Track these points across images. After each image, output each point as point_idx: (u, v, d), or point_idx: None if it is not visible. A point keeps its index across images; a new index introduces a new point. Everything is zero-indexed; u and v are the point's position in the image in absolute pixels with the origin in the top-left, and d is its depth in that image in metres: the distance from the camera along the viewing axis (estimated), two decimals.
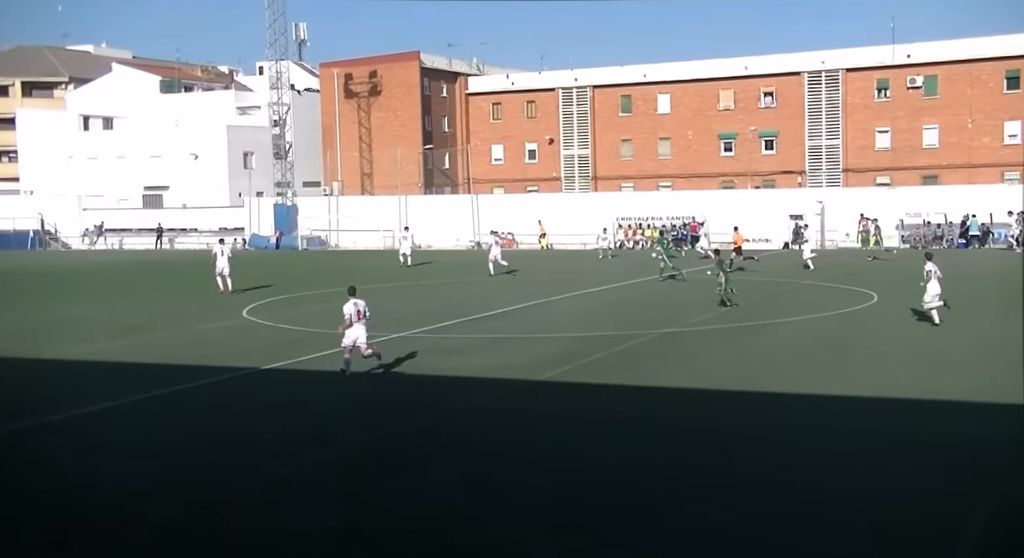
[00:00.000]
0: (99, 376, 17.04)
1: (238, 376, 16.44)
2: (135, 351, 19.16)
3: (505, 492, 9.94)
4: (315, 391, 15.43)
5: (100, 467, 11.27)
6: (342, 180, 66.23)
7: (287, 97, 59.58)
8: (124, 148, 67.64)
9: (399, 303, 26.85)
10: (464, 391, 15.09)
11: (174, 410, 14.23)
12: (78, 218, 63.79)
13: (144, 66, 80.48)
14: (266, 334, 21.32)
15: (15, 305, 28.21)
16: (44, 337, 21.49)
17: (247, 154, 65.45)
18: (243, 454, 11.64)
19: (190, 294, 30.61)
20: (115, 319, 24.39)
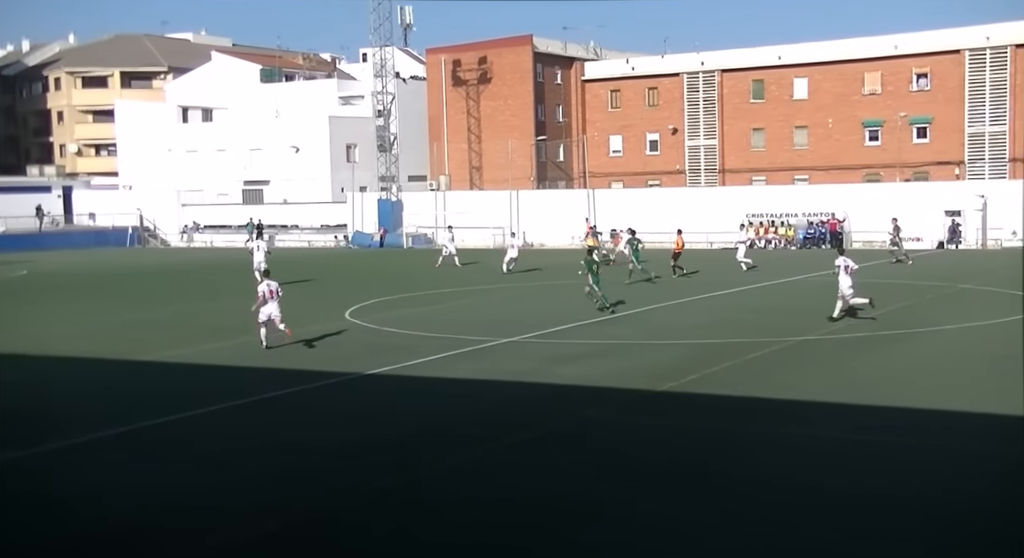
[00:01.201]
0: (195, 379, 17.87)
1: (341, 381, 16.97)
2: (232, 353, 20.03)
3: (618, 519, 10.02)
4: (419, 397, 15.81)
5: (197, 473, 11.87)
6: (449, 174, 67.27)
7: (392, 86, 60.90)
8: (223, 140, 70.33)
9: (509, 305, 27.19)
10: (580, 401, 15.21)
11: (273, 415, 14.83)
12: (177, 214, 66.79)
13: (244, 54, 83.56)
14: (368, 337, 21.92)
15: (113, 305, 29.83)
16: (142, 338, 22.69)
17: (350, 146, 67.18)
18: (347, 462, 12.06)
19: (290, 294, 31.69)
20: (213, 319, 25.52)
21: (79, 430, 13.83)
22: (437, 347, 19.97)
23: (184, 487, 11.22)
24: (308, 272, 36.44)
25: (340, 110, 70.70)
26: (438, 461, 11.91)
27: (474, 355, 19.31)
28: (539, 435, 13.08)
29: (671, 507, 10.16)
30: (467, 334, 21.55)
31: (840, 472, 11.13)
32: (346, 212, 60.98)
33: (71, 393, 16.95)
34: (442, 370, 17.70)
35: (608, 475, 11.28)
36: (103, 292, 33.36)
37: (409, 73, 73.31)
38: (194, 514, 10.23)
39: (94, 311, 28.04)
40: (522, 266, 37.56)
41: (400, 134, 62.09)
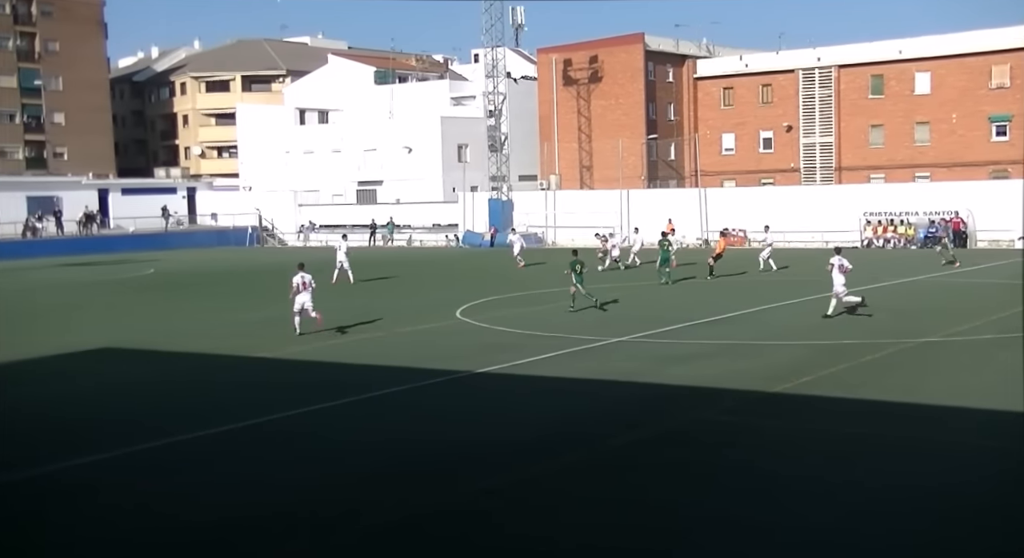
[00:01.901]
0: (311, 376, 18.40)
1: (453, 379, 17.26)
2: (348, 351, 20.54)
3: (737, 523, 10.00)
4: (530, 396, 15.99)
5: (313, 466, 12.28)
6: (560, 173, 67.46)
7: (503, 86, 61.40)
8: (339, 141, 72.12)
9: (618, 305, 27.15)
10: (693, 402, 15.16)
11: (389, 411, 15.21)
12: (294, 214, 68.82)
13: (359, 57, 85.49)
14: (479, 335, 22.21)
15: (234, 302, 31.01)
16: (260, 334, 23.54)
17: (461, 146, 68.02)
18: (462, 459, 12.31)
19: (402, 293, 32.42)
20: (328, 318, 26.27)
21: (214, 422, 14.47)
22: (548, 346, 20.14)
23: (307, 480, 11.62)
24: (419, 271, 37.11)
25: (452, 110, 71.65)
26: (554, 460, 12.03)
27: (585, 354, 19.40)
28: (653, 436, 13.10)
29: (794, 511, 10.08)
30: (577, 333, 21.66)
31: (966, 473, 10.83)
32: (457, 211, 61.77)
33: (198, 387, 17.72)
34: (553, 369, 17.86)
35: (726, 479, 11.24)
36: (225, 290, 34.67)
37: (520, 73, 73.77)
38: (321, 505, 10.62)
39: (216, 308, 29.20)
40: None
41: (511, 134, 62.55)
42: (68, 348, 21.55)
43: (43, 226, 61.80)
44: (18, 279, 41.57)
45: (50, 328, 25.61)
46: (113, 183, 72.94)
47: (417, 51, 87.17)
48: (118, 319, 26.99)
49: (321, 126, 76.96)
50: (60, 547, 9.70)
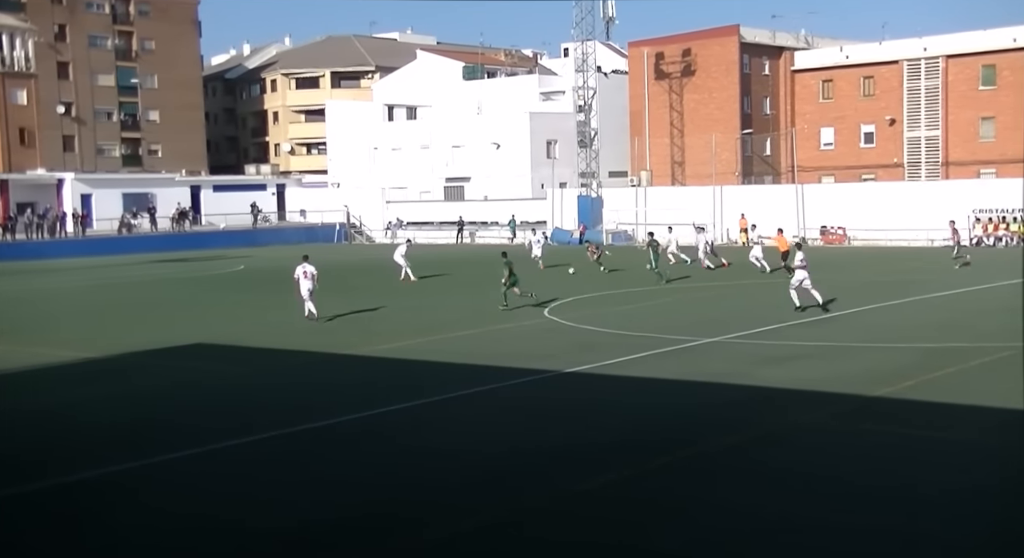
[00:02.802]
0: (398, 374, 18.66)
1: (542, 378, 17.32)
2: (435, 349, 20.76)
3: (833, 530, 9.84)
4: (621, 398, 15.94)
5: (398, 468, 12.44)
6: (651, 169, 67.01)
7: (593, 80, 61.25)
8: (426, 138, 72.92)
9: (709, 305, 26.90)
10: (789, 405, 14.94)
11: (474, 411, 15.35)
12: (381, 211, 69.84)
13: (447, 52, 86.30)
14: (568, 334, 22.24)
15: (323, 299, 31.60)
16: (348, 331, 23.98)
17: (550, 142, 68.09)
18: (550, 462, 12.34)
19: (490, 290, 32.62)
20: (418, 315, 26.62)
21: (299, 420, 14.82)
22: (638, 345, 20.06)
23: (403, 479, 11.82)
24: None
25: (541, 106, 71.76)
26: (644, 462, 12.00)
27: (676, 355, 19.27)
28: (746, 440, 12.95)
29: (892, 520, 9.88)
30: (668, 333, 21.53)
31: None
32: (546, 208, 61.87)
33: (285, 384, 18.14)
34: (644, 369, 17.78)
35: (819, 487, 11.06)
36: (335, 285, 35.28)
37: (611, 67, 73.48)
38: (413, 507, 10.80)
39: (326, 304, 29.78)
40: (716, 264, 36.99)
41: (601, 129, 62.37)
42: (160, 344, 22.26)
43: (138, 223, 63.94)
44: (113, 275, 43.12)
45: (143, 324, 26.49)
46: (205, 180, 75.12)
47: (506, 46, 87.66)
48: (209, 315, 27.79)
49: (409, 122, 77.86)
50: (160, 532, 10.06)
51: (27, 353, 21.23)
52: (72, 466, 12.33)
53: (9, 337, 23.91)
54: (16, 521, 10.60)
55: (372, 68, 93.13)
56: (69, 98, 79.18)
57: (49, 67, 75.21)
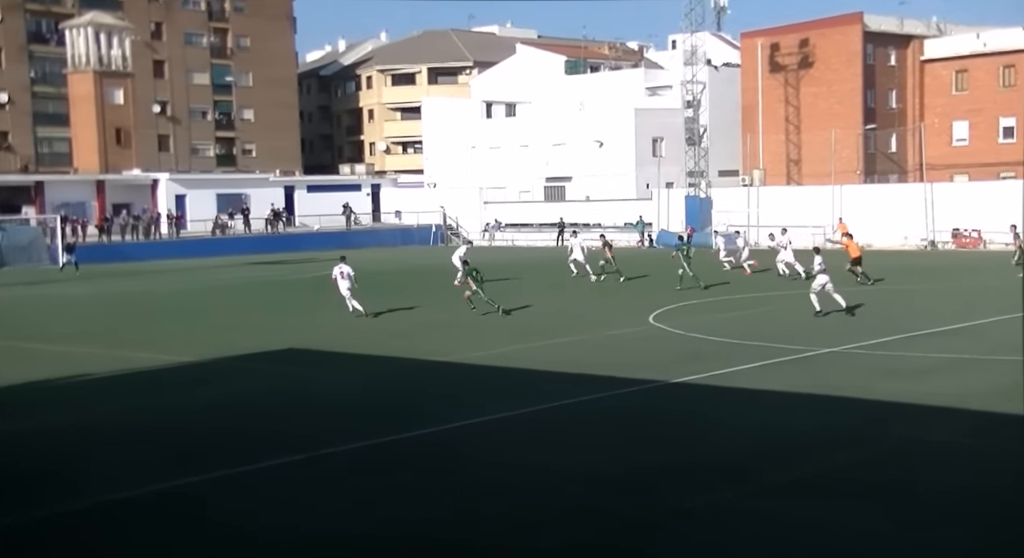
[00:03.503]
0: (495, 382, 18.81)
1: (646, 389, 17.26)
2: (535, 356, 20.86)
3: None
4: (731, 411, 15.78)
5: (495, 481, 12.55)
6: (764, 168, 66.01)
7: (702, 74, 60.69)
8: (526, 136, 73.24)
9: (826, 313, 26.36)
10: (913, 421, 14.58)
11: (572, 423, 15.35)
12: (479, 212, 70.41)
13: (549, 46, 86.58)
14: (674, 343, 22.12)
15: (419, 302, 32.06)
16: (447, 336, 24.27)
17: (656, 140, 67.69)
18: (655, 478, 12.29)
19: (591, 295, 32.62)
20: (514, 321, 26.78)
21: (413, 425, 15.11)
22: (750, 355, 19.82)
23: (501, 493, 11.96)
24: (610, 274, 37.13)
25: (647, 101, 71.43)
26: (754, 480, 11.86)
27: (791, 365, 18.99)
28: (867, 458, 12.68)
29: None
30: (782, 342, 21.21)
31: None
32: (651, 209, 61.52)
33: (378, 391, 18.47)
34: (755, 381, 17.56)
35: (959, 509, 10.79)
36: (408, 290, 35.90)
37: (722, 60, 72.70)
38: (514, 523, 10.91)
39: (399, 309, 30.29)
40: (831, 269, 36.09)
41: (711, 126, 61.76)
42: (253, 348, 22.88)
43: (232, 224, 65.82)
44: (206, 278, 44.50)
45: (236, 328, 27.30)
46: (299, 180, 76.93)
47: (610, 39, 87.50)
48: (302, 319, 28.45)
49: (508, 119, 78.32)
50: None
51: (119, 357, 22.08)
52: (158, 474, 12.79)
53: (101, 340, 24.91)
54: (125, 524, 11.07)
55: (470, 63, 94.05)
56: (164, 97, 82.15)
57: (145, 66, 78.11)
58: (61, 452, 14.13)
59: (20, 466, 13.44)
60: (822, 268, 25.22)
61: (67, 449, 14.34)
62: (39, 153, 77.12)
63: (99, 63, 70.64)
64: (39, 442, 14.81)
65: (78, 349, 23.38)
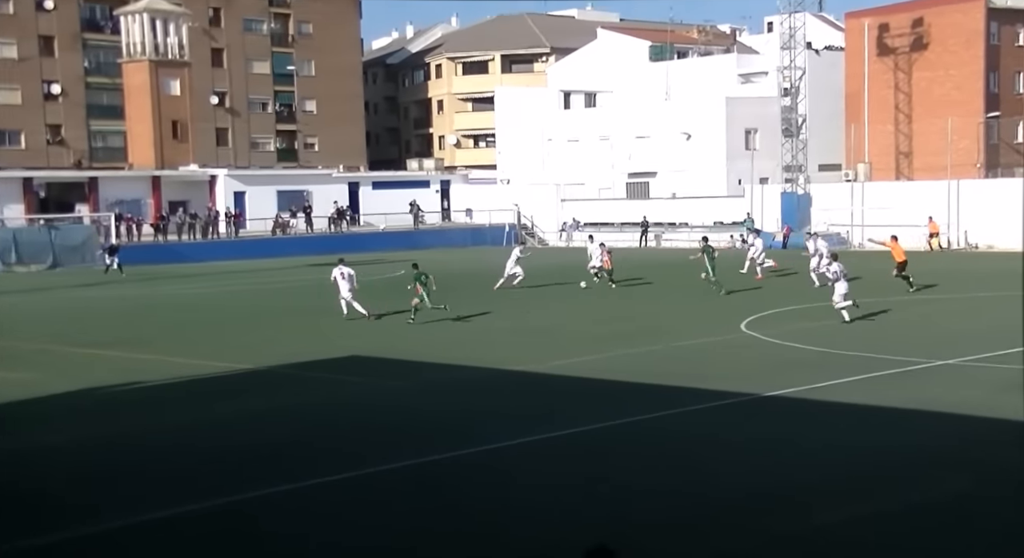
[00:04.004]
0: (574, 393, 18.73)
1: (739, 402, 17.07)
2: (615, 366, 20.74)
3: None
4: (832, 427, 15.46)
5: (580, 500, 12.46)
6: (870, 161, 64.80)
7: (801, 59, 59.84)
8: (607, 128, 72.94)
9: (939, 320, 25.78)
10: None
11: (660, 440, 15.22)
12: (556, 210, 70.32)
13: (632, 30, 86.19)
14: (769, 352, 21.84)
15: (493, 308, 32.08)
16: (523, 344, 24.24)
17: (749, 131, 66.92)
18: (750, 500, 12.10)
19: (679, 300, 32.33)
20: (595, 327, 26.66)
21: (489, 437, 15.10)
22: (852, 367, 19.44)
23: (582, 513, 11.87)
24: (697, 276, 36.79)
25: (739, 89, 70.65)
26: (861, 504, 11.59)
27: (899, 378, 18.58)
28: (983, 481, 12.31)
29: None
30: (888, 353, 20.76)
31: None
32: (743, 207, 60.85)
33: (449, 400, 18.47)
34: (860, 394, 17.19)
35: None
36: (480, 295, 35.89)
37: (823, 43, 71.63)
38: None
39: (467, 315, 30.37)
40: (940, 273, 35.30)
41: (810, 115, 60.83)
42: (314, 355, 23.11)
43: (293, 223, 66.63)
44: (266, 280, 45.17)
45: (296, 333, 27.61)
46: (364, 176, 77.68)
47: (700, 22, 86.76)
48: (365, 325, 28.66)
49: (588, 110, 78.11)
50: None
51: (174, 364, 22.46)
52: (204, 492, 12.94)
53: (155, 346, 25.37)
54: (173, 541, 11.23)
55: (547, 50, 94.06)
56: (223, 88, 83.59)
57: (203, 54, 79.56)
58: (112, 466, 14.39)
59: (65, 480, 13.71)
60: (838, 277, 25.70)
61: (118, 463, 14.58)
62: (93, 148, 79.06)
63: (155, 52, 72.16)
64: (93, 454, 15.11)
65: (131, 355, 23.83)
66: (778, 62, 60.87)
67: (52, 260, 52.78)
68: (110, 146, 78.95)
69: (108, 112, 78.08)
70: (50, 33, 76.62)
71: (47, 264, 52.56)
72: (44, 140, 76.24)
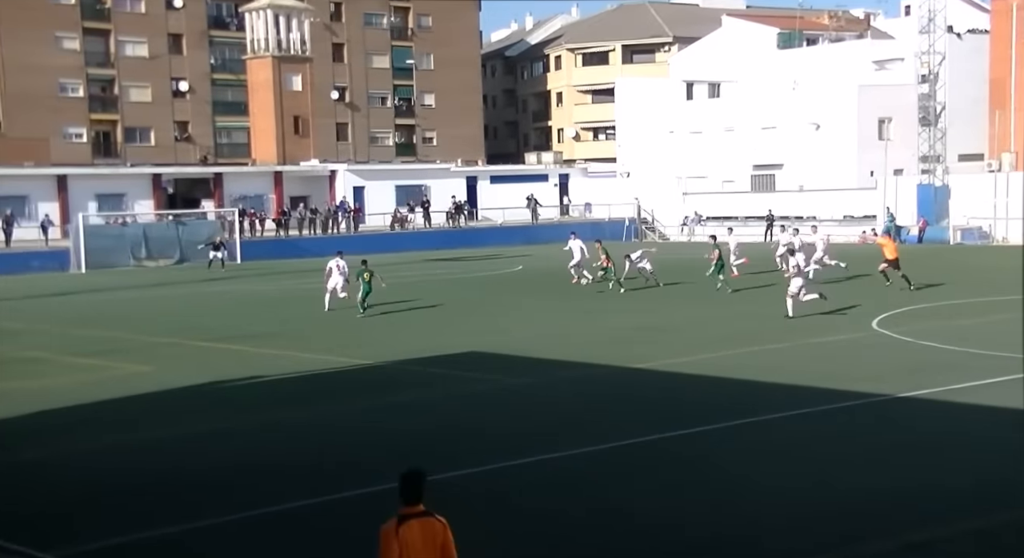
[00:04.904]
0: (697, 391, 18.63)
1: (869, 403, 16.76)
2: (741, 364, 20.56)
3: None
4: (970, 431, 15.06)
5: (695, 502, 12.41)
6: (1016, 151, 62.54)
7: (941, 43, 58.07)
8: (731, 119, 72.01)
9: None
10: None
11: (786, 439, 15.06)
12: (678, 204, 69.75)
13: (759, 17, 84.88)
14: (902, 351, 21.42)
15: (603, 305, 32.01)
16: (634, 342, 24.16)
17: (883, 121, 65.27)
18: (878, 506, 11.88)
19: None
20: (719, 324, 26.41)
21: (614, 435, 15.13)
22: (996, 368, 18.86)
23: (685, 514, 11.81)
24: (828, 273, 36.10)
25: (873, 77, 68.91)
26: (997, 514, 11.28)
27: None
28: None
29: None
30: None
31: None
32: (876, 200, 59.43)
33: (566, 399, 18.54)
34: (1005, 397, 16.66)
35: None
36: (596, 291, 35.83)
37: (965, 26, 69.35)
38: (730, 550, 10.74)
39: (586, 310, 30.39)
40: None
41: (950, 103, 59.03)
42: (432, 351, 23.36)
43: (411, 218, 67.51)
44: (385, 275, 45.73)
45: (415, 328, 28.03)
46: (482, 170, 78.24)
47: (831, 7, 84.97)
48: (484, 320, 28.93)
49: (711, 101, 77.27)
50: None
51: (293, 359, 23.00)
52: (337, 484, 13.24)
53: (275, 340, 26.02)
54: (318, 527, 11.55)
55: (669, 39, 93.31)
56: (343, 82, 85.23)
57: (324, 50, 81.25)
58: (234, 460, 14.84)
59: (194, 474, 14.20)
60: (796, 271, 26.39)
61: (237, 458, 15.02)
62: (218, 144, 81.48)
63: (277, 48, 73.95)
64: (212, 449, 15.61)
65: (252, 349, 24.51)
66: (916, 47, 59.21)
67: (179, 255, 54.55)
68: (234, 142, 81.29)
69: (232, 108, 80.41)
70: (179, 31, 79.28)
71: (174, 259, 54.36)
72: (172, 137, 78.93)
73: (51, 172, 62.00)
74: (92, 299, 37.77)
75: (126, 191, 64.01)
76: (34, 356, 24.14)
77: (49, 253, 53.33)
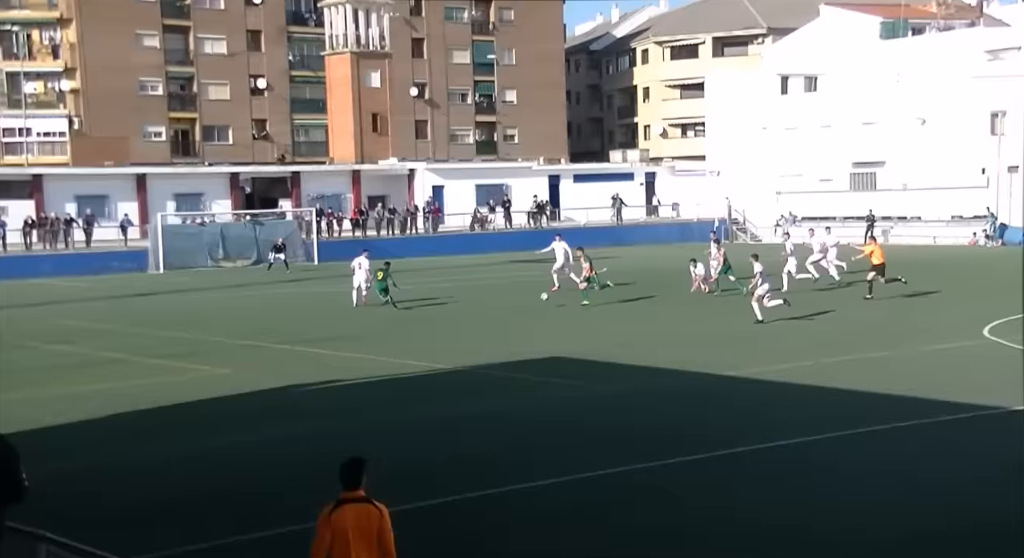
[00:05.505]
0: (795, 402, 18.44)
1: (979, 416, 16.44)
2: (838, 372, 20.27)
3: None
4: None
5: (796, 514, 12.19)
6: None
7: None
8: (829, 114, 70.89)
9: None
10: None
11: (886, 454, 14.77)
12: (771, 203, 68.89)
13: (860, 6, 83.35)
14: (1014, 361, 20.85)
15: (691, 311, 31.67)
16: (731, 348, 23.92)
17: (995, 114, 63.64)
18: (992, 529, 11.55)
19: (914, 304, 31.12)
20: (820, 329, 26.00)
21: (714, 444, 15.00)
22: None
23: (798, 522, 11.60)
24: (934, 276, 35.42)
25: (985, 68, 67.21)
26: None
27: None
28: None
29: None
30: None
31: None
32: (988, 200, 58.07)
33: (655, 407, 18.39)
34: None
35: None
36: (682, 294, 35.49)
37: None
38: None
39: (674, 316, 30.12)
40: None
41: None
42: (515, 355, 23.36)
43: (492, 218, 67.59)
44: (465, 277, 46.01)
45: (496, 332, 28.10)
46: (564, 169, 78.10)
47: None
48: (567, 324, 28.82)
49: (808, 95, 76.09)
50: None
51: (372, 363, 23.13)
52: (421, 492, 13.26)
53: (352, 343, 26.18)
54: None
55: (763, 31, 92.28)
56: (422, 79, 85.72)
57: (403, 45, 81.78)
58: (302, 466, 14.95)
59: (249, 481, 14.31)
60: (762, 277, 27.23)
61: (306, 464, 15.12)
62: (295, 142, 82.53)
63: (356, 43, 74.59)
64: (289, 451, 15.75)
65: (328, 352, 24.71)
66: None
67: (256, 256, 55.31)
68: (312, 140, 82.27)
69: (310, 106, 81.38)
70: (257, 27, 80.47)
71: (252, 259, 55.15)
72: (250, 135, 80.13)
73: (131, 171, 63.39)
74: (170, 300, 38.51)
75: (204, 190, 65.18)
76: (116, 357, 24.67)
77: (128, 253, 54.54)
